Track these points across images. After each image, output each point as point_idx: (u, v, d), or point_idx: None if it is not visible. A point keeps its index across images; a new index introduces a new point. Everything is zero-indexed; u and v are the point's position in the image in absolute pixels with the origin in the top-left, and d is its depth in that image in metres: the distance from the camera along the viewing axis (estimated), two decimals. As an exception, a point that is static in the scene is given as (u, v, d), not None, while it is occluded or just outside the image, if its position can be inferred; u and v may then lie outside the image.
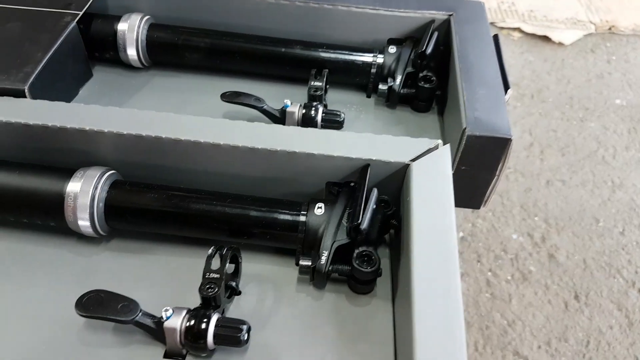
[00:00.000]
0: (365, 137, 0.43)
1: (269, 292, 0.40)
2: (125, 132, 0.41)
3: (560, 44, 1.47)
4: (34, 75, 0.45)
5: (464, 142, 0.44)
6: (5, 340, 0.35)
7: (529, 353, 0.71)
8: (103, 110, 0.43)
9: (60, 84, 0.50)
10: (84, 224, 0.39)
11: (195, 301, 0.35)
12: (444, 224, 0.37)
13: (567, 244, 0.88)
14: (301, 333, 0.37)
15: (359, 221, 0.37)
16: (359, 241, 0.38)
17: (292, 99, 0.50)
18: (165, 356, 0.34)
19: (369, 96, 0.56)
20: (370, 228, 0.38)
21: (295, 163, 0.41)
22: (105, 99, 0.53)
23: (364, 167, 0.41)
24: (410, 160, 0.41)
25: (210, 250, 0.37)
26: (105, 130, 0.41)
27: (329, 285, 0.40)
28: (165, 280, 0.40)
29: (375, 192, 0.39)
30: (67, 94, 0.51)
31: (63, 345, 0.35)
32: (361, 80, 0.55)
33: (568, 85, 1.30)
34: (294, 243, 0.40)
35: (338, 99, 0.55)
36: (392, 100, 0.53)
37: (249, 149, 0.41)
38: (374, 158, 0.41)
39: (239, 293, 0.39)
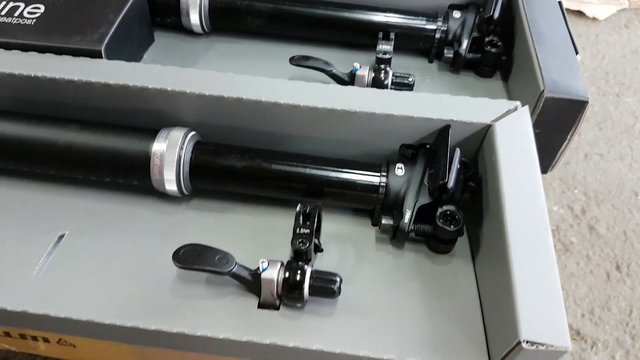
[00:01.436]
0: (442, 98, 0.43)
1: (349, 250, 0.40)
2: (206, 93, 0.41)
3: (594, 19, 1.44)
4: (109, 36, 0.45)
5: (540, 105, 0.44)
6: (102, 294, 0.36)
7: (572, 321, 0.72)
8: (182, 71, 0.43)
9: (129, 47, 0.50)
10: (169, 183, 0.40)
11: (274, 257, 0.36)
12: (532, 184, 0.37)
13: (607, 216, 0.88)
14: (386, 289, 0.38)
15: (445, 180, 0.37)
16: (443, 201, 0.39)
17: (351, 65, 0.50)
18: (259, 307, 0.35)
19: (431, 61, 0.56)
20: (454, 187, 0.38)
21: (372, 124, 0.42)
22: (168, 64, 0.53)
23: (444, 127, 0.41)
24: (492, 121, 0.41)
25: (298, 208, 0.38)
26: (187, 91, 0.41)
27: (407, 245, 0.41)
28: (245, 238, 0.41)
29: (458, 152, 0.39)
30: (133, 58, 0.51)
31: (159, 297, 0.36)
32: (424, 45, 0.54)
33: (603, 61, 1.28)
34: (373, 203, 0.40)
35: (400, 64, 0.54)
36: (457, 65, 0.53)
37: (327, 110, 0.41)
38: (455, 119, 0.41)
39: (322, 250, 0.40)
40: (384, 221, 0.39)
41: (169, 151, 0.40)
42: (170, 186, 0.40)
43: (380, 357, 0.33)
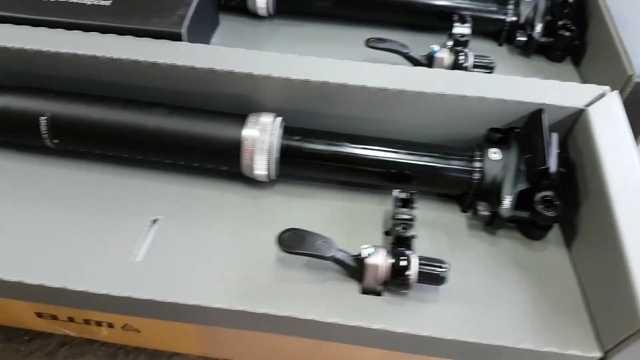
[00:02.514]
0: (531, 81, 0.42)
1: (441, 236, 0.40)
2: (293, 77, 0.41)
3: None
4: (190, 18, 0.44)
5: (628, 89, 0.43)
6: (204, 279, 0.36)
7: None
8: (265, 55, 0.42)
9: (202, 30, 0.49)
10: (260, 168, 0.40)
11: (363, 243, 0.36)
12: (635, 170, 0.36)
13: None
14: (484, 275, 0.37)
15: (546, 166, 0.37)
16: (541, 186, 0.38)
17: (420, 47, 0.49)
18: (362, 292, 0.35)
19: (500, 45, 0.55)
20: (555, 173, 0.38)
21: (462, 107, 0.41)
22: (237, 47, 0.53)
23: (537, 111, 0.40)
24: (584, 106, 0.40)
25: (396, 193, 0.37)
26: (273, 75, 0.41)
27: (499, 231, 0.40)
28: (332, 223, 0.40)
29: (556, 136, 0.39)
30: (204, 41, 0.50)
31: (260, 281, 0.36)
32: (494, 28, 0.54)
33: None
34: (465, 189, 0.40)
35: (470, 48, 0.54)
36: (529, 49, 0.52)
37: (416, 93, 0.40)
38: (547, 102, 0.40)
39: (414, 236, 0.39)
40: (480, 208, 0.38)
41: (261, 137, 0.39)
42: (260, 171, 0.40)
43: (491, 344, 0.33)
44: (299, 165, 0.41)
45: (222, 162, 0.41)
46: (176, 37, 0.43)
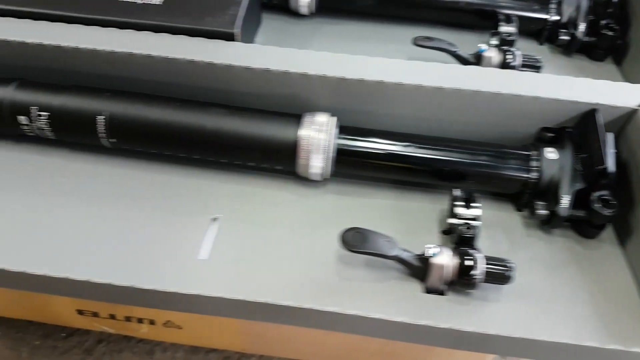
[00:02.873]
0: (583, 81, 0.42)
1: (499, 235, 0.40)
2: (347, 77, 0.41)
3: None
4: (242, 17, 0.44)
5: (679, 89, 0.43)
6: (269, 276, 0.36)
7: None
8: (317, 54, 0.43)
9: (250, 29, 0.49)
10: (315, 167, 0.40)
11: (418, 243, 0.36)
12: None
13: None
14: (543, 273, 0.38)
15: (604, 166, 0.37)
16: (598, 185, 0.38)
17: (460, 46, 0.49)
18: (426, 291, 0.36)
19: (541, 44, 0.55)
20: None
21: (516, 107, 0.41)
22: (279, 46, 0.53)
23: (591, 111, 0.40)
24: (638, 106, 0.40)
25: (457, 192, 0.38)
26: (328, 75, 0.41)
27: (554, 229, 0.41)
28: (386, 222, 0.40)
29: (612, 136, 0.39)
30: (250, 40, 0.51)
31: (324, 279, 0.36)
32: (535, 27, 0.54)
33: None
34: (521, 188, 0.40)
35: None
36: (572, 48, 0.52)
37: (472, 92, 0.41)
38: (601, 102, 0.40)
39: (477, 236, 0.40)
40: (538, 207, 0.39)
41: (317, 136, 0.39)
42: (316, 171, 0.40)
43: (558, 341, 0.33)
44: (354, 164, 0.41)
45: (278, 162, 0.41)
46: (229, 37, 0.44)
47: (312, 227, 0.40)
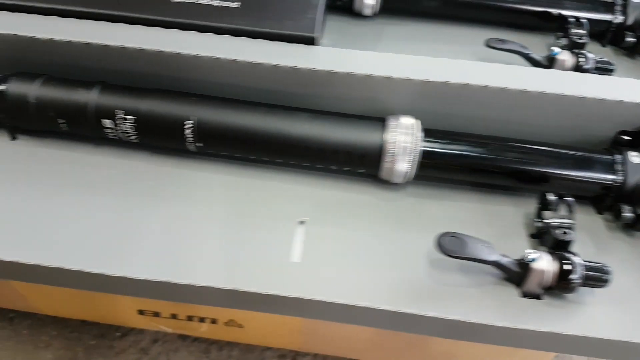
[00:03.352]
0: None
1: (584, 238, 0.40)
2: (432, 80, 0.41)
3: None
4: (320, 21, 0.44)
5: None
6: (362, 280, 0.37)
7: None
8: (397, 57, 0.43)
9: (322, 32, 0.49)
10: (400, 171, 0.40)
11: (507, 247, 0.37)
12: None
13: None
14: (633, 275, 0.38)
15: (695, 169, 0.37)
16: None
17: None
18: (523, 296, 0.36)
19: (604, 45, 0.55)
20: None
21: (599, 110, 0.41)
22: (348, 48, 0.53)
23: (674, 115, 0.41)
24: None
25: (551, 196, 0.38)
26: (413, 78, 0.41)
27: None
28: (470, 225, 0.41)
29: (698, 141, 0.39)
30: (319, 42, 0.51)
31: (418, 283, 0.37)
32: (599, 29, 0.54)
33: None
34: (606, 191, 0.40)
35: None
36: (638, 50, 0.53)
37: (557, 96, 0.41)
38: (685, 106, 0.41)
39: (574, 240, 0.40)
40: (625, 210, 0.39)
41: (404, 140, 0.39)
42: (400, 174, 0.40)
43: (659, 345, 0.34)
44: (439, 167, 0.41)
45: (362, 165, 0.41)
46: (309, 41, 0.44)
47: (397, 230, 0.40)
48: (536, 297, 0.36)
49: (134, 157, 0.43)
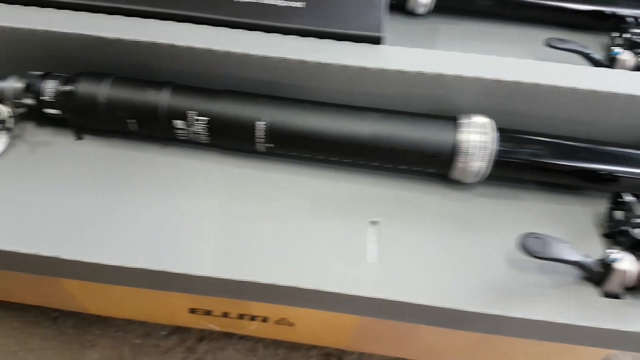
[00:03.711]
0: None
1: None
2: (504, 79, 0.41)
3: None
4: (384, 20, 0.44)
5: None
6: (438, 280, 0.37)
7: None
8: (465, 56, 0.43)
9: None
10: (474, 171, 0.40)
11: (581, 247, 0.36)
12: None
13: None
14: None
15: None
16: None
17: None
18: (604, 296, 0.36)
19: (658, 44, 0.55)
20: None
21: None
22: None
23: None
24: None
25: (628, 198, 0.38)
26: (485, 77, 0.41)
27: None
28: (541, 225, 0.41)
29: None
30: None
31: (498, 284, 0.37)
32: (655, 27, 0.54)
33: None
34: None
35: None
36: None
37: (626, 96, 0.41)
38: None
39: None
40: None
41: (479, 139, 0.39)
42: (473, 174, 0.40)
43: None
44: (512, 167, 0.41)
45: (434, 165, 0.41)
46: (375, 41, 0.44)
47: (470, 231, 0.40)
48: (616, 296, 0.36)
49: (201, 157, 0.43)
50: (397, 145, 0.40)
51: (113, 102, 0.40)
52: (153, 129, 0.42)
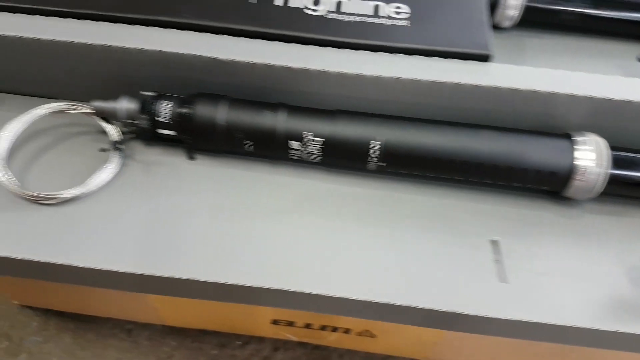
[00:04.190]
0: None
1: None
2: (614, 98, 0.41)
3: None
4: (490, 38, 0.44)
5: None
6: (568, 297, 0.37)
7: None
8: (570, 74, 0.43)
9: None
10: (589, 190, 0.40)
11: None
12: None
13: None
14: None
15: None
16: None
17: None
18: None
19: None
20: None
21: None
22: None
23: None
24: None
25: None
26: (596, 96, 0.41)
27: None
28: None
29: None
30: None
31: (623, 302, 0.37)
32: None
33: None
34: None
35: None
36: None
37: None
38: None
39: None
40: None
41: (596, 159, 0.40)
42: (588, 192, 0.41)
43: None
44: (624, 185, 0.41)
45: (549, 184, 0.41)
46: (483, 58, 0.44)
47: (588, 248, 0.41)
48: None
49: (312, 176, 0.44)
50: (515, 164, 0.41)
51: (232, 124, 0.41)
52: (269, 150, 0.42)
